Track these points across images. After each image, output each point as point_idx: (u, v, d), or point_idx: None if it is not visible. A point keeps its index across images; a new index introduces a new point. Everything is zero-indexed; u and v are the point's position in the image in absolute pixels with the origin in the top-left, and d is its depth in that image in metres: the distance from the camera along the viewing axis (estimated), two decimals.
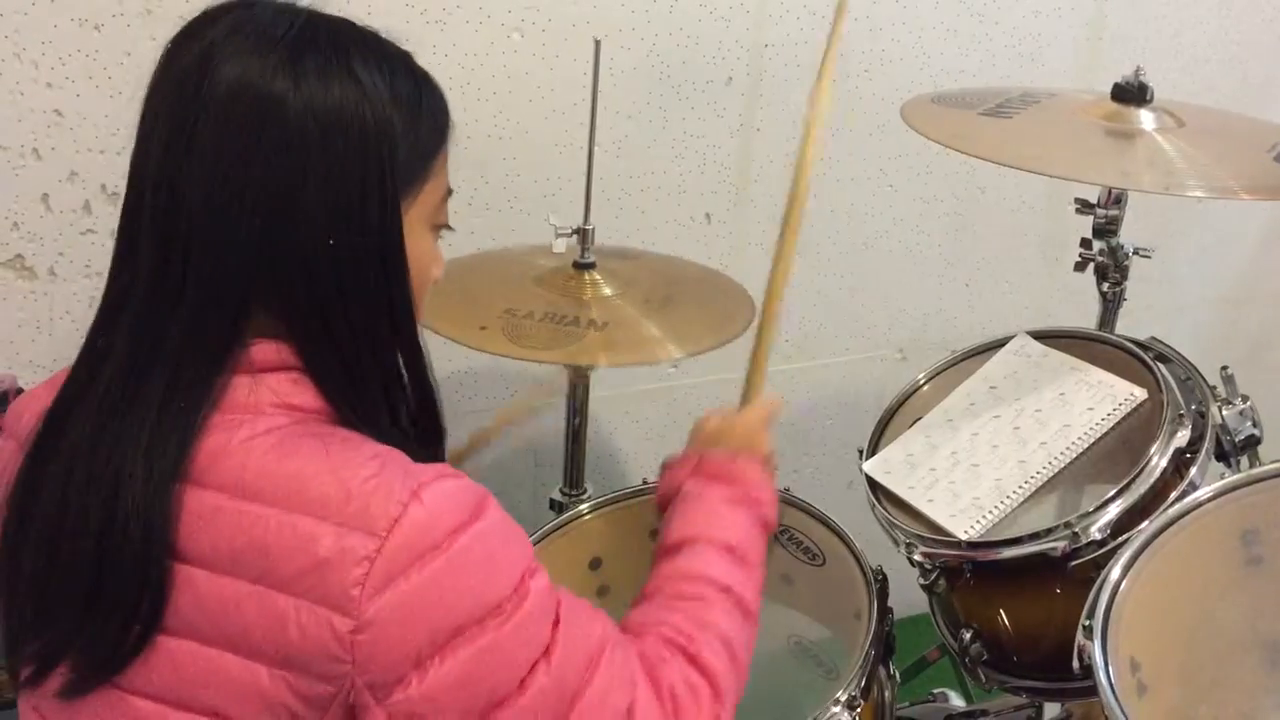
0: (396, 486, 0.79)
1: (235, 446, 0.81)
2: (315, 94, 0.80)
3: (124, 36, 1.52)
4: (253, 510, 0.79)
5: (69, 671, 0.82)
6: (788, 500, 1.38)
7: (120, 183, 1.60)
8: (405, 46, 0.89)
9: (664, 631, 0.94)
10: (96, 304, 1.52)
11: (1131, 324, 1.60)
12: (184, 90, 0.81)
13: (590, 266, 1.50)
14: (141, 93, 0.85)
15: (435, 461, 0.86)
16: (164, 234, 0.81)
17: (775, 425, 1.17)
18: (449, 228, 0.94)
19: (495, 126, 1.78)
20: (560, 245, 1.49)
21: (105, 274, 1.65)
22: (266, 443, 0.81)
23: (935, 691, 1.79)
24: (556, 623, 0.85)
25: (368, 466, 0.80)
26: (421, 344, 0.91)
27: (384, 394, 0.88)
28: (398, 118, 0.84)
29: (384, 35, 0.88)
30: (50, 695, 0.84)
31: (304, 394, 0.84)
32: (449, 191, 0.93)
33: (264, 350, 0.83)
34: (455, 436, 1.92)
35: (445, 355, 1.85)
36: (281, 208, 0.80)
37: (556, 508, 1.58)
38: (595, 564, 1.40)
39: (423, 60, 0.91)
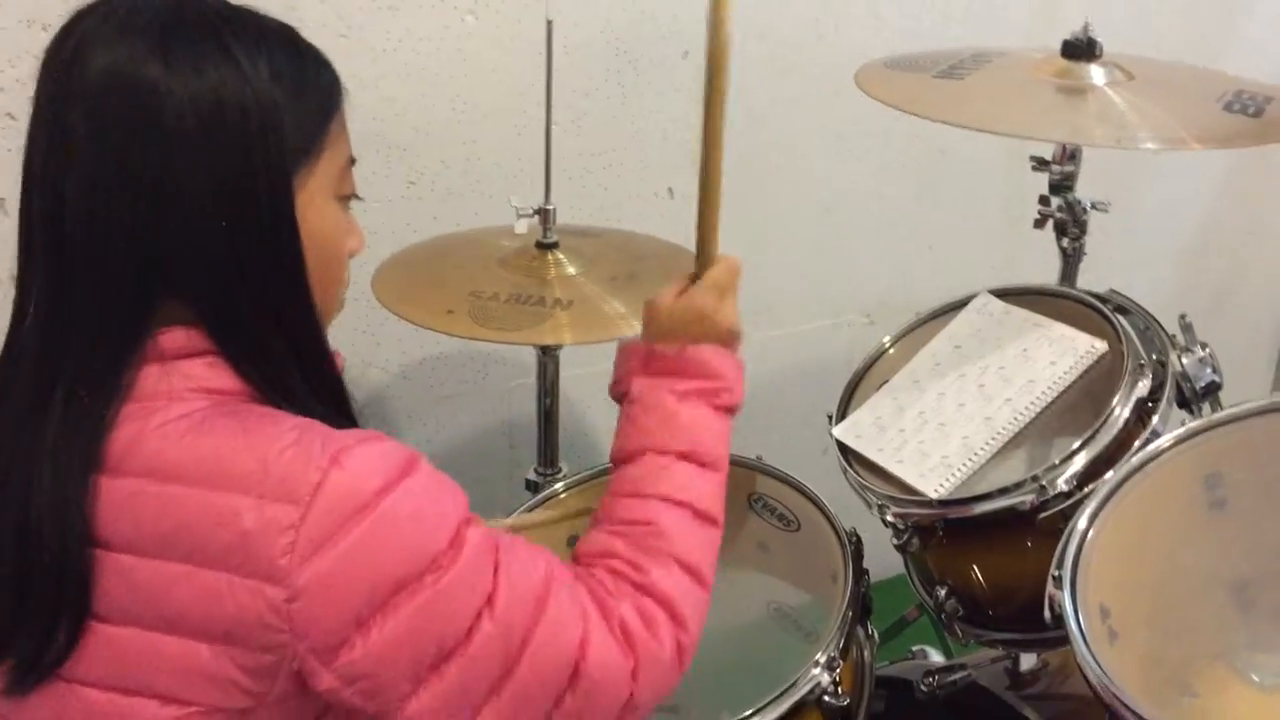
0: (315, 453, 0.79)
1: (150, 432, 0.81)
2: (189, 78, 0.79)
3: None
4: (174, 491, 0.79)
5: (9, 670, 0.83)
6: (760, 468, 1.40)
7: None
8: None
9: (611, 564, 0.93)
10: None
11: (1094, 278, 1.62)
12: (58, 85, 0.80)
13: (553, 246, 1.51)
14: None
15: (353, 427, 0.86)
16: (52, 235, 0.81)
17: (734, 293, 1.06)
18: (357, 197, 0.93)
19: (453, 110, 1.78)
20: (522, 226, 1.49)
21: None
22: (182, 426, 0.81)
23: (914, 649, 1.82)
24: (497, 569, 0.85)
25: (286, 437, 0.80)
26: (316, 314, 0.89)
27: (298, 368, 0.87)
28: (279, 93, 0.82)
29: (260, 11, 0.87)
30: None
31: (221, 377, 0.84)
32: (351, 160, 0.92)
33: (174, 337, 0.83)
34: (435, 420, 1.96)
35: (416, 341, 1.86)
36: (165, 197, 0.80)
37: (532, 488, 1.59)
38: (573, 541, 1.41)
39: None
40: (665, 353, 1.03)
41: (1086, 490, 1.18)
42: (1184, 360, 1.28)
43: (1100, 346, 1.34)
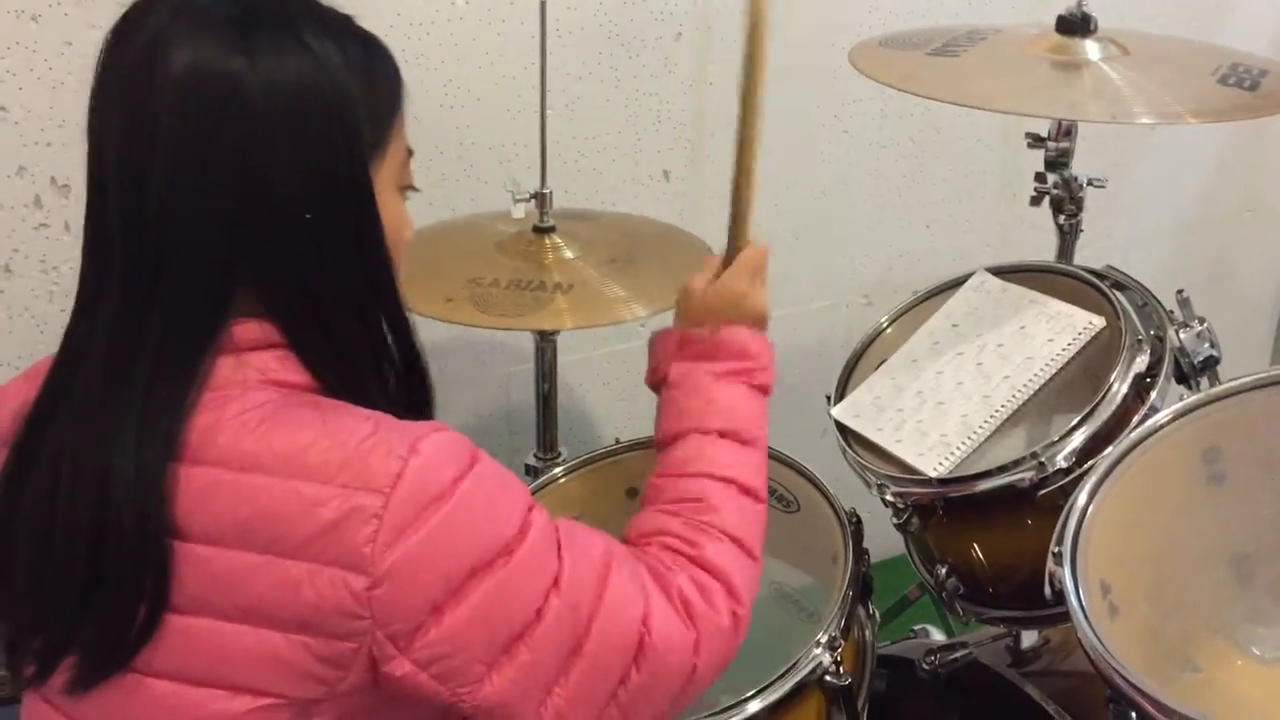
0: (394, 443, 0.80)
1: (228, 421, 0.81)
2: (272, 69, 0.80)
3: (62, 26, 1.49)
4: (254, 481, 0.80)
5: (77, 664, 0.83)
6: None
7: (70, 174, 1.59)
8: (345, 11, 0.89)
9: (665, 540, 0.95)
10: (56, 298, 1.51)
11: (1091, 254, 1.62)
12: (136, 81, 0.80)
13: (550, 230, 1.51)
14: (86, 82, 0.84)
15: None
16: (135, 226, 0.81)
17: (763, 278, 1.12)
18: (414, 188, 0.94)
19: (446, 96, 1.77)
20: (519, 211, 1.49)
21: (62, 268, 1.64)
22: (259, 415, 0.81)
23: (916, 628, 1.82)
24: (560, 550, 0.86)
25: (362, 428, 0.81)
26: (406, 308, 0.91)
27: (372, 364, 0.88)
28: (354, 84, 0.83)
29: (323, 1, 0.87)
30: (58, 690, 0.84)
31: (291, 370, 0.84)
32: (410, 152, 0.93)
33: (248, 329, 0.83)
34: (437, 409, 1.95)
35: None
36: (252, 188, 0.80)
37: (532, 473, 1.59)
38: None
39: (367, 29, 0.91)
40: (700, 336, 1.06)
41: (1086, 466, 1.18)
42: (1182, 335, 1.28)
43: (1098, 323, 1.34)
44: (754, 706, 1.12)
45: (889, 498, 1.31)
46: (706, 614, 0.91)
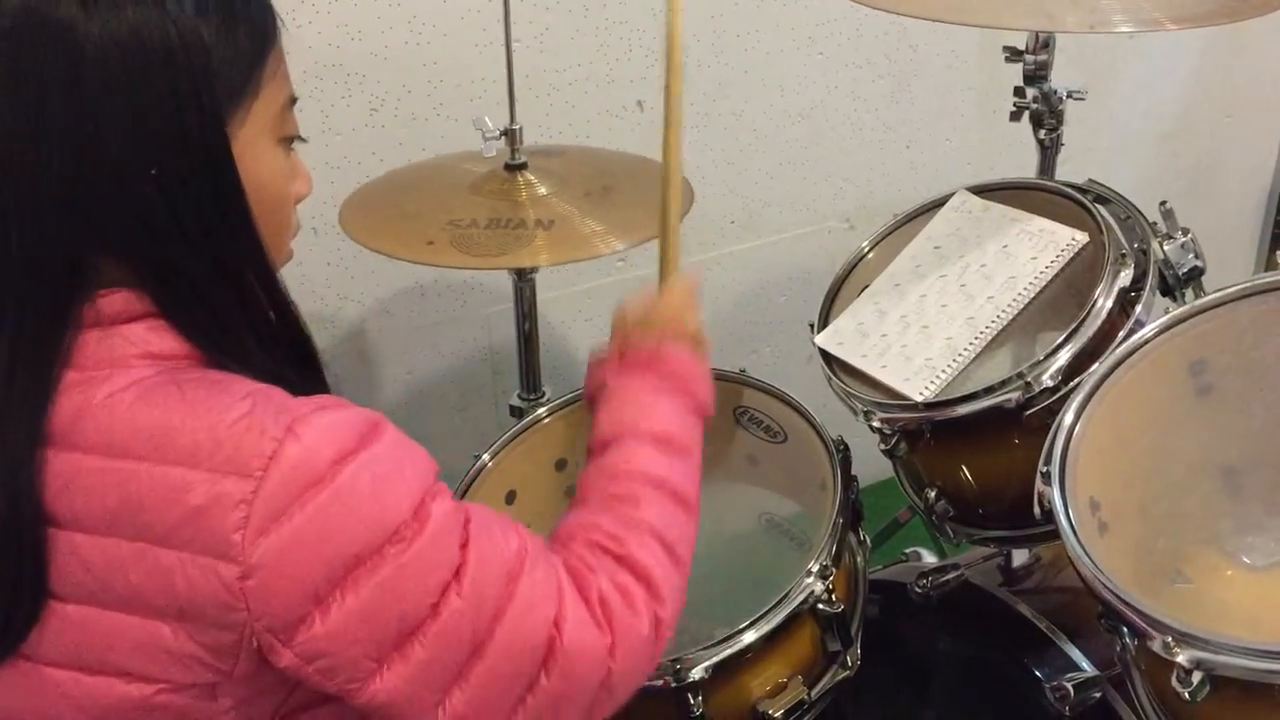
0: (269, 424, 0.76)
1: (98, 404, 0.78)
2: (107, 18, 0.74)
3: None
4: (122, 467, 0.76)
5: None
6: (744, 381, 1.39)
7: None
8: None
9: (591, 536, 0.92)
10: None
11: (1073, 168, 1.60)
12: None
13: (522, 167, 1.48)
14: None
15: (317, 387, 0.83)
16: None
17: (698, 300, 1.13)
18: (300, 138, 0.89)
19: (411, 33, 1.73)
20: (490, 150, 1.46)
21: None
22: (129, 396, 0.78)
23: (907, 551, 1.83)
24: (466, 543, 0.82)
25: (238, 408, 0.77)
26: (273, 267, 0.86)
27: (248, 326, 0.83)
28: (206, 28, 0.77)
29: None
30: None
31: (166, 340, 0.80)
32: (292, 99, 0.87)
33: (113, 301, 0.79)
34: (416, 351, 1.94)
35: (390, 272, 1.84)
36: (89, 145, 0.75)
37: (517, 413, 1.58)
38: (561, 465, 1.40)
39: None
40: (639, 352, 1.06)
41: (1072, 384, 1.18)
42: (1166, 247, 1.27)
43: (1081, 238, 1.32)
44: (749, 637, 1.13)
45: (876, 424, 1.31)
46: (625, 617, 0.87)
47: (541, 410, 1.43)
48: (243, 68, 0.81)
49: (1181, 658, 0.92)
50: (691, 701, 1.11)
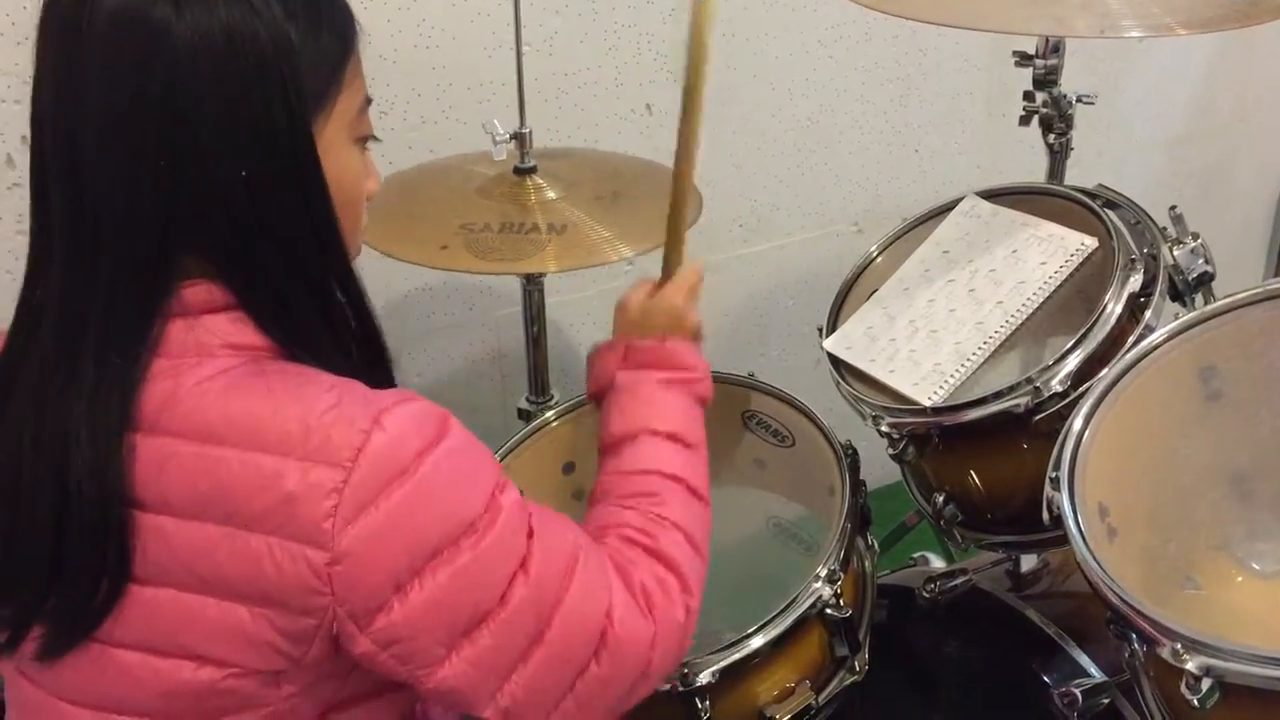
0: (357, 415, 0.78)
1: (186, 391, 0.79)
2: (199, 17, 0.76)
3: None
4: (213, 453, 0.78)
5: (45, 633, 0.82)
6: (753, 385, 1.39)
7: None
8: None
9: (624, 532, 0.95)
10: None
11: (1082, 172, 1.59)
12: (66, 29, 0.78)
13: (531, 171, 1.48)
14: None
15: (386, 385, 0.85)
16: (69, 183, 0.79)
17: (698, 294, 1.16)
18: (375, 138, 0.91)
19: (421, 36, 1.73)
20: (500, 153, 1.46)
21: None
22: (218, 384, 0.80)
23: (915, 556, 1.83)
24: (530, 534, 0.85)
25: (325, 399, 0.79)
26: (353, 266, 0.88)
27: (324, 322, 0.86)
28: (294, 30, 0.79)
29: None
30: (29, 658, 0.84)
31: (246, 332, 0.82)
32: (368, 100, 0.89)
33: (196, 291, 0.81)
34: (424, 354, 1.94)
35: (400, 274, 1.84)
36: (183, 142, 0.77)
37: (525, 417, 1.58)
38: (568, 468, 1.41)
39: None
40: (644, 346, 1.09)
41: (1081, 390, 1.17)
42: (1175, 252, 1.26)
43: (1090, 243, 1.32)
44: (757, 642, 1.13)
45: (884, 429, 1.31)
46: (665, 607, 0.91)
47: (550, 414, 1.43)
48: (326, 69, 0.83)
49: (1191, 664, 0.91)
50: (699, 706, 1.11)
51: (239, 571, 0.78)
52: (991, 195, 1.45)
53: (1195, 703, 0.91)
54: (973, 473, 1.31)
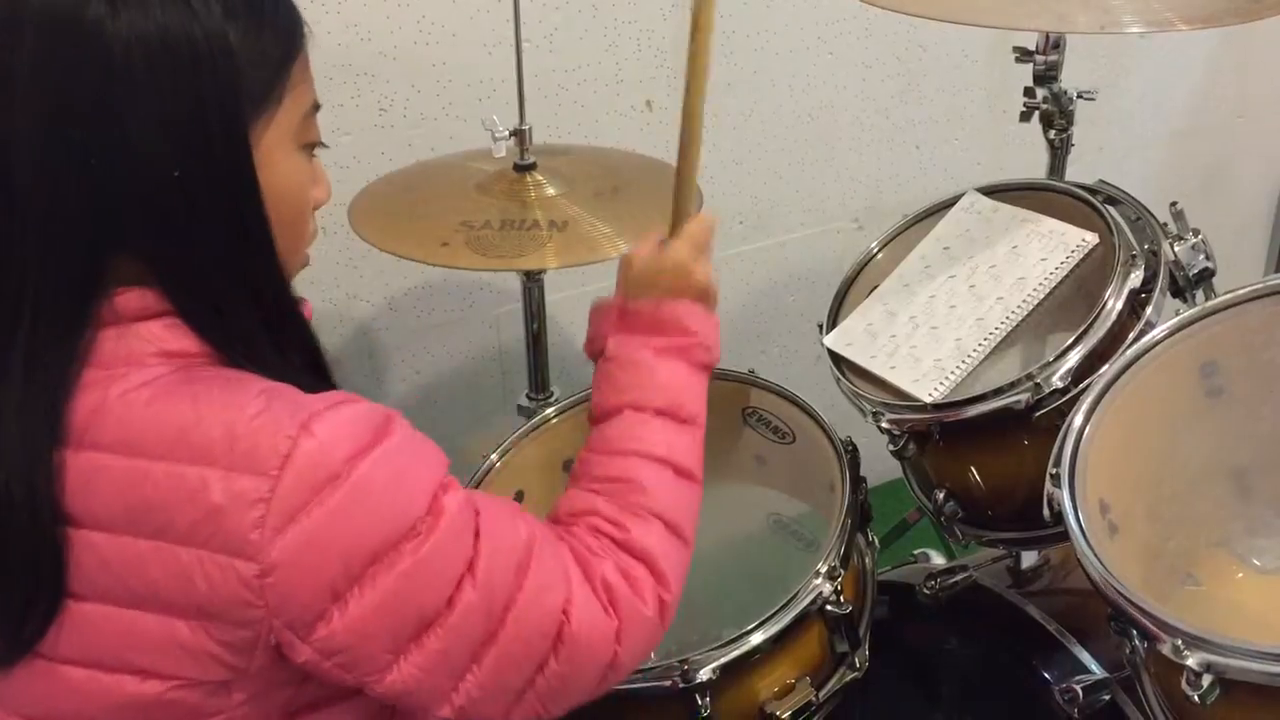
0: (284, 421, 0.76)
1: (113, 402, 0.78)
2: (135, 17, 0.74)
3: None
4: (139, 465, 0.76)
5: None
6: (753, 381, 1.39)
7: None
8: None
9: (592, 521, 0.92)
10: None
11: (1083, 168, 1.59)
12: None
13: (531, 168, 1.48)
14: None
15: (326, 388, 0.82)
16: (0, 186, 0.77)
17: (708, 250, 1.05)
18: (322, 144, 0.89)
19: (420, 33, 1.73)
20: (500, 150, 1.46)
21: None
22: (145, 394, 0.78)
23: (916, 553, 1.83)
24: (477, 535, 0.83)
25: (253, 405, 0.77)
26: (284, 273, 0.86)
27: (263, 327, 0.83)
28: (233, 32, 0.77)
29: None
30: None
31: (182, 339, 0.80)
32: (316, 105, 0.87)
33: (128, 299, 0.79)
34: (424, 351, 1.94)
35: (399, 271, 1.84)
36: (113, 143, 0.75)
37: (525, 414, 1.58)
38: (569, 465, 1.40)
39: None
40: (641, 309, 1.01)
41: (1082, 386, 1.17)
42: (1176, 248, 1.26)
43: (1091, 239, 1.32)
44: (757, 638, 1.12)
45: (885, 425, 1.30)
46: (630, 601, 0.88)
47: (550, 410, 1.43)
48: (267, 73, 0.81)
49: (1192, 660, 0.91)
50: (699, 702, 1.11)
51: (172, 586, 0.76)
52: (992, 191, 1.45)
53: (1196, 699, 0.91)
54: (973, 469, 1.31)
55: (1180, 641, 0.92)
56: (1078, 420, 1.11)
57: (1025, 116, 1.57)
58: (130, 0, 0.75)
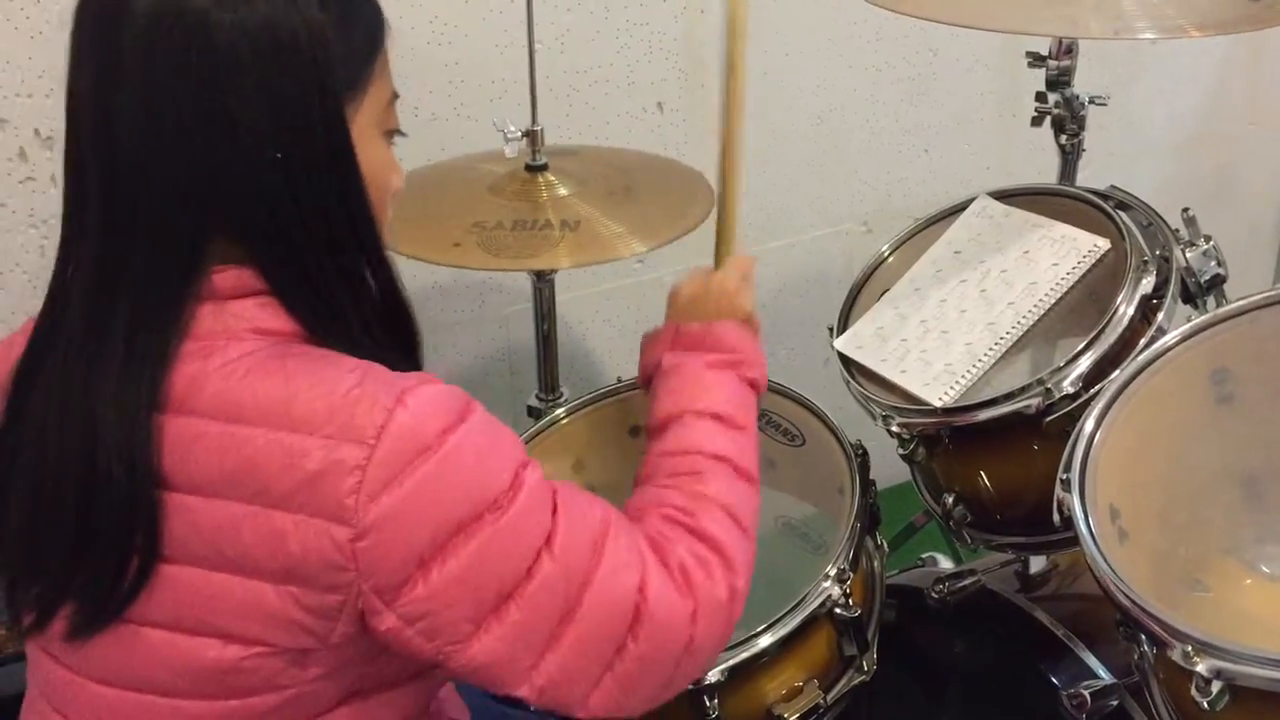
0: (381, 394, 0.79)
1: (212, 372, 0.81)
2: (239, 9, 0.78)
3: None
4: (239, 432, 0.79)
5: (74, 613, 0.83)
6: None
7: (53, 126, 1.57)
8: None
9: (664, 511, 0.94)
10: (46, 252, 1.50)
11: (1094, 174, 1.59)
12: (105, 19, 0.79)
13: (543, 168, 1.48)
14: (64, 31, 0.82)
15: (413, 370, 0.85)
16: (107, 169, 0.80)
17: (751, 282, 1.15)
18: (401, 133, 0.93)
19: (433, 33, 1.73)
20: (512, 150, 1.46)
21: (51, 221, 1.62)
22: (245, 365, 0.81)
23: (924, 556, 1.82)
24: (555, 510, 0.85)
25: (349, 379, 0.80)
26: (387, 252, 0.89)
27: (354, 309, 0.87)
28: (329, 23, 0.81)
29: None
30: (58, 638, 0.85)
31: (274, 317, 0.84)
32: (394, 95, 0.91)
33: (226, 277, 0.82)
34: (434, 350, 1.94)
35: (408, 270, 1.83)
36: (220, 129, 0.79)
37: (534, 414, 1.58)
38: (578, 466, 1.41)
39: None
40: (692, 329, 1.09)
41: (1093, 391, 1.17)
42: (1188, 254, 1.26)
43: (1103, 245, 1.32)
44: (765, 641, 1.13)
45: (894, 428, 1.31)
46: (704, 584, 0.90)
47: (560, 411, 1.43)
48: (356, 62, 0.85)
49: (1201, 667, 0.91)
50: (707, 704, 1.11)
51: (264, 549, 0.79)
52: (1004, 196, 1.45)
53: (1205, 705, 0.91)
54: (983, 474, 1.31)
55: (1190, 648, 0.92)
56: (1088, 425, 1.11)
57: (1037, 121, 1.57)
58: None
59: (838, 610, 1.16)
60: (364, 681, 0.87)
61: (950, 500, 1.33)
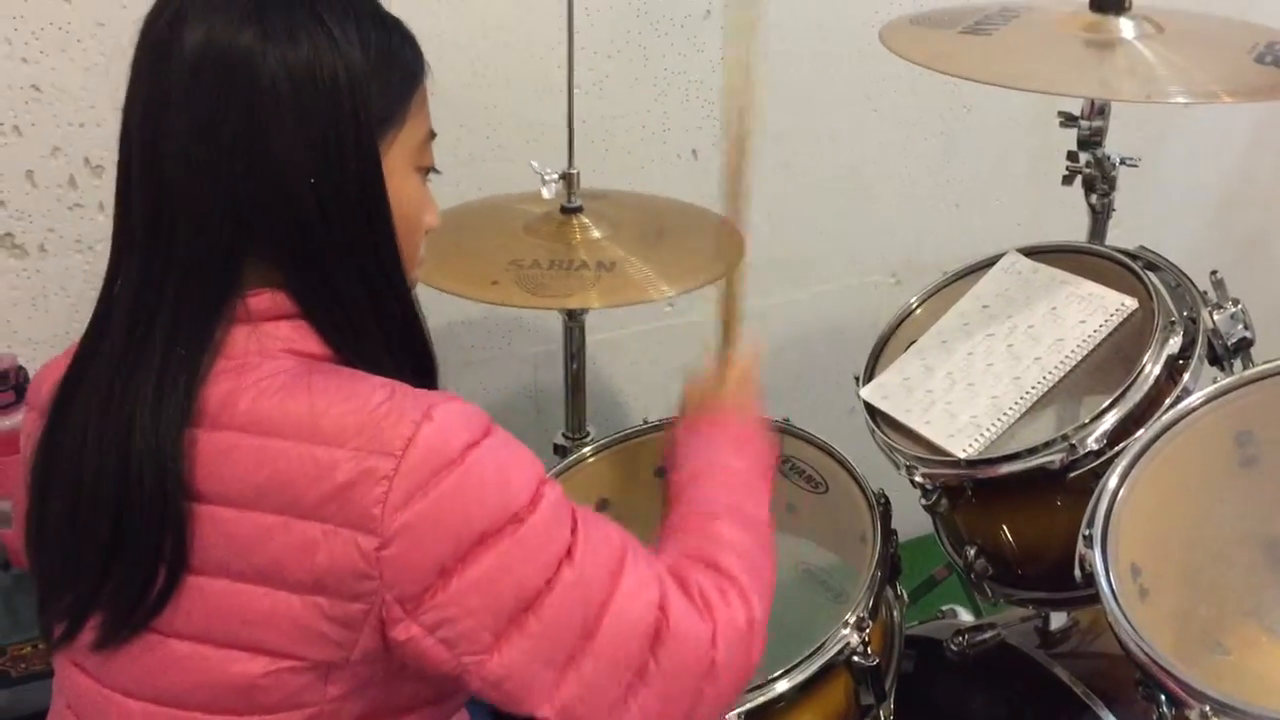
0: (408, 409, 0.82)
1: (246, 388, 0.83)
2: (284, 49, 0.82)
3: (95, 6, 1.50)
4: (272, 445, 0.82)
5: (101, 623, 0.85)
6: (788, 430, 1.40)
7: (103, 155, 1.60)
8: None
9: (683, 549, 0.96)
10: (91, 278, 1.54)
11: (1123, 234, 1.60)
12: (157, 54, 0.84)
13: (578, 210, 1.51)
14: (117, 63, 0.86)
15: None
16: (151, 193, 0.84)
17: (757, 378, 1.17)
18: (435, 170, 0.96)
19: (473, 75, 1.77)
20: (549, 192, 1.48)
21: (97, 248, 1.66)
22: (278, 382, 0.84)
23: (944, 609, 1.81)
24: (574, 527, 0.87)
25: (378, 394, 0.83)
26: (407, 285, 0.92)
27: (382, 335, 0.90)
28: (368, 65, 0.85)
29: None
30: (85, 649, 0.87)
31: (306, 340, 0.87)
32: (431, 134, 0.94)
33: (261, 300, 0.86)
34: (461, 387, 1.96)
35: (437, 306, 1.85)
36: (258, 157, 0.82)
37: (560, 452, 1.59)
38: (602, 505, 1.42)
39: (394, 10, 0.92)
40: (703, 416, 1.11)
41: (1117, 449, 1.18)
42: (1215, 316, 1.27)
43: (1130, 304, 1.33)
44: (782, 686, 1.13)
45: (918, 479, 1.31)
46: (723, 608, 0.91)
47: (586, 449, 1.45)
48: (393, 100, 0.89)
49: None
50: None
51: (292, 559, 0.81)
52: (1033, 252, 1.46)
53: None
54: (1005, 527, 1.31)
55: (1208, 708, 0.92)
56: (1112, 482, 1.12)
57: (1068, 180, 1.59)
58: (279, 31, 0.83)
59: (856, 658, 1.17)
60: (382, 704, 0.88)
61: (972, 553, 1.33)
